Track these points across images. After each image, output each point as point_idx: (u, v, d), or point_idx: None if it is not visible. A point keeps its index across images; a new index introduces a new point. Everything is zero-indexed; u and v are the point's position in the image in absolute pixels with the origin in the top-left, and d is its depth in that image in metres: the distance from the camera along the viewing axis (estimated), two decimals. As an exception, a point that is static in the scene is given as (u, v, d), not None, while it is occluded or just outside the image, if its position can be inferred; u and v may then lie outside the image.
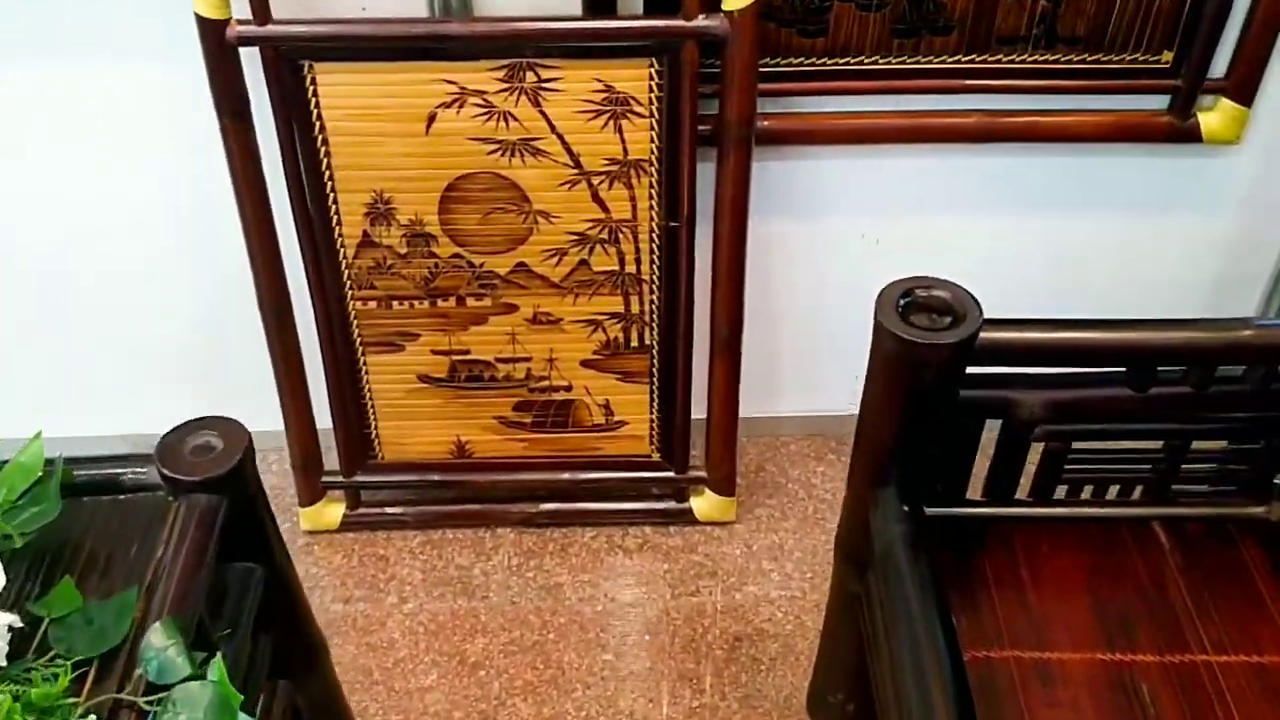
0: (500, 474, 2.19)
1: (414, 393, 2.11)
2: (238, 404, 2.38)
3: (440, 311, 2.01)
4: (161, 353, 2.28)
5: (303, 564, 2.19)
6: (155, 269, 2.14)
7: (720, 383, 2.06)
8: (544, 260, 1.96)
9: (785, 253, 2.15)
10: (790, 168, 2.04)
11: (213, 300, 2.18)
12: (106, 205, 2.04)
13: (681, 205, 1.89)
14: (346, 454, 2.16)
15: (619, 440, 2.17)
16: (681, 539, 2.23)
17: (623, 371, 2.08)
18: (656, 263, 1.96)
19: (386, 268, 1.96)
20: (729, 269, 1.94)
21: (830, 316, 2.25)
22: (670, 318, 2.01)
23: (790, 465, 2.39)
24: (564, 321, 2.02)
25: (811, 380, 2.36)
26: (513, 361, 2.07)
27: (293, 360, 2.05)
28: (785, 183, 2.06)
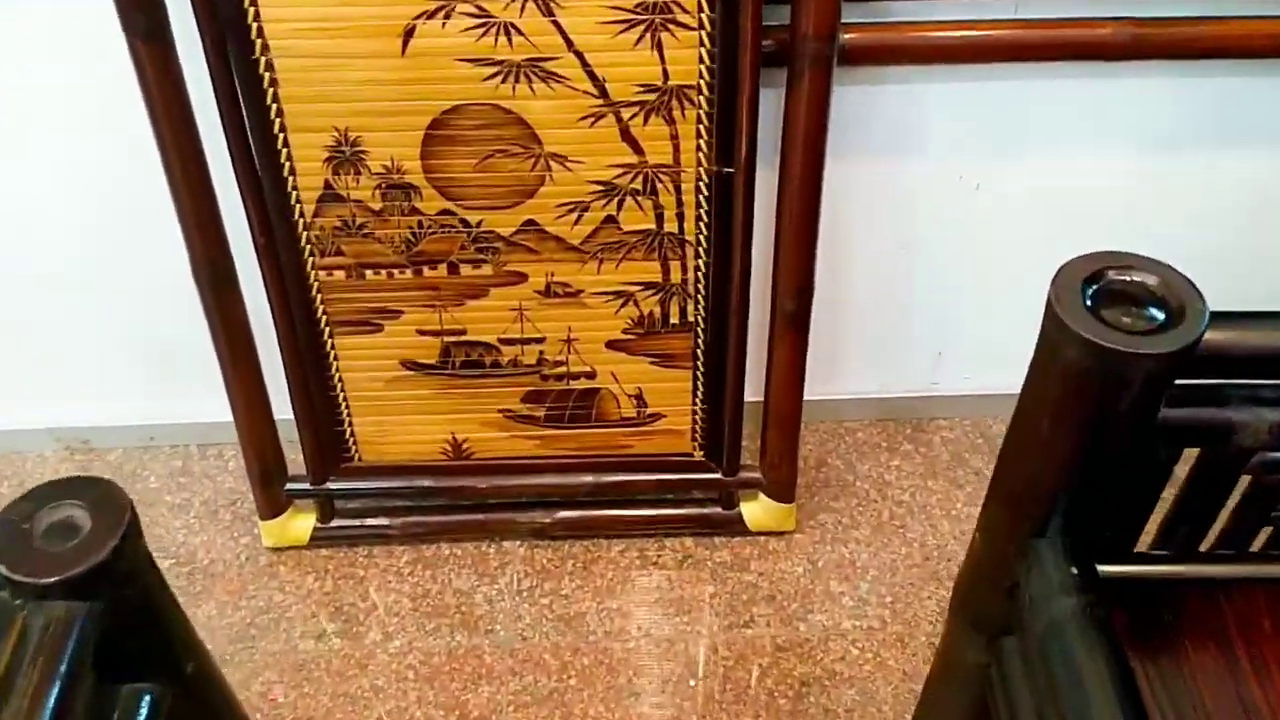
0: (506, 477, 1.78)
1: (397, 382, 1.68)
2: (183, 391, 1.98)
3: (427, 282, 1.57)
4: (90, 333, 1.85)
5: (265, 590, 1.78)
6: (76, 235, 1.71)
7: (782, 367, 1.64)
8: (559, 217, 1.52)
9: (859, 201, 1.71)
10: (872, 95, 1.59)
11: (149, 268, 1.74)
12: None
13: (738, 145, 1.44)
14: (315, 456, 1.74)
15: (654, 437, 1.75)
16: (730, 553, 1.82)
17: (659, 354, 1.66)
18: (704, 219, 1.52)
19: (356, 228, 1.52)
20: (798, 226, 1.50)
21: (912, 279, 1.82)
22: (720, 288, 1.58)
23: (858, 459, 1.97)
24: (585, 294, 1.59)
25: (884, 355, 1.94)
26: (521, 343, 1.64)
27: (240, 346, 1.62)
28: (864, 114, 1.61)
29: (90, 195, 1.67)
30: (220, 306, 1.57)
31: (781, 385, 1.65)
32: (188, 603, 1.74)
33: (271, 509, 1.79)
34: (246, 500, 1.90)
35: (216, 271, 1.54)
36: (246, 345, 1.63)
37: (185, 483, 1.97)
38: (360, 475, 1.78)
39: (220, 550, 1.85)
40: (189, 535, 1.88)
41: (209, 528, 1.89)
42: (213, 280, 1.55)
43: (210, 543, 1.86)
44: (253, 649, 1.70)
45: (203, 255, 1.52)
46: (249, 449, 1.72)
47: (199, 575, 1.81)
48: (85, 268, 1.76)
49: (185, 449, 2.03)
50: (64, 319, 1.83)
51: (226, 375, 1.64)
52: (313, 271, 1.57)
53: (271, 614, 1.75)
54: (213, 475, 1.98)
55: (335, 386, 1.68)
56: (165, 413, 1.98)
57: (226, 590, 1.79)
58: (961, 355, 1.94)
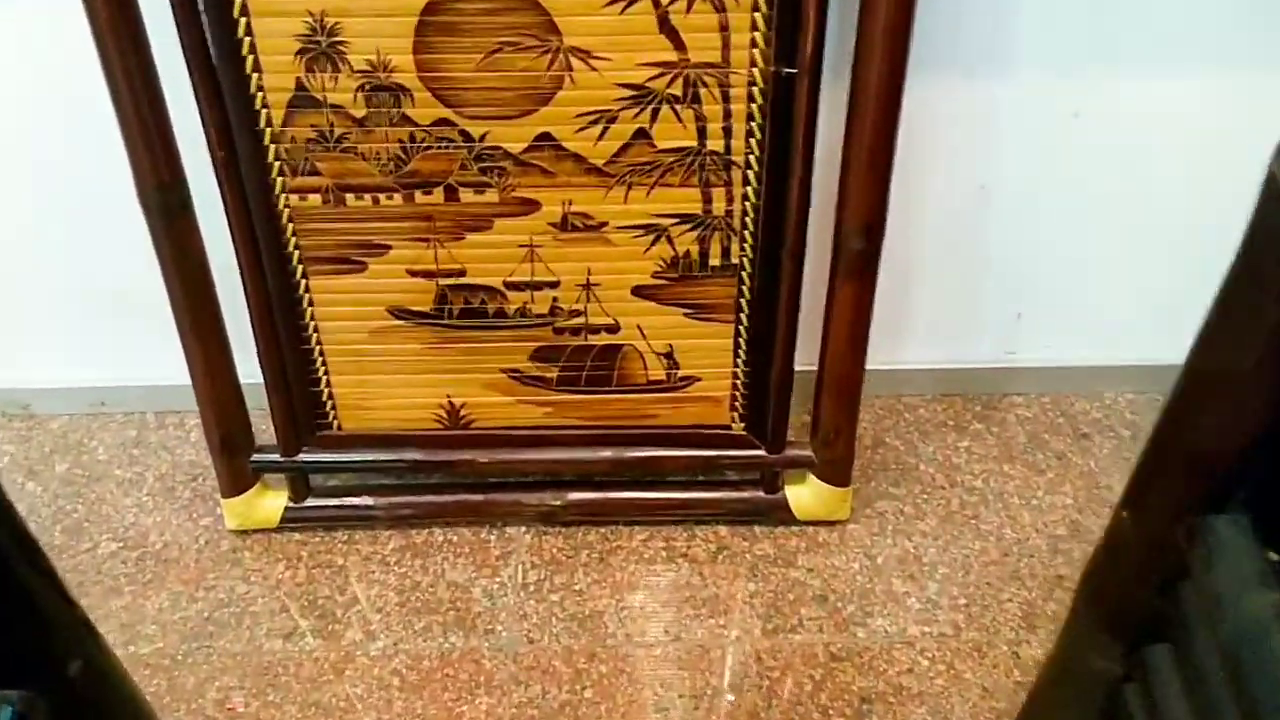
0: (511, 450, 1.51)
1: (383, 333, 1.41)
2: (139, 349, 1.64)
3: (420, 211, 1.31)
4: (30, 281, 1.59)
5: (226, 579, 1.51)
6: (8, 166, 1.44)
7: (844, 321, 1.37)
8: (580, 131, 1.25)
9: (933, 129, 1.44)
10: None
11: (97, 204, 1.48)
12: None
13: (803, 40, 1.18)
14: (286, 423, 1.48)
15: (686, 404, 1.48)
16: (773, 545, 1.54)
17: (696, 304, 1.39)
18: (756, 135, 1.25)
19: (335, 141, 1.26)
20: (873, 145, 1.23)
21: (990, 227, 1.55)
22: (772, 222, 1.31)
23: (920, 438, 1.70)
24: (609, 228, 1.32)
25: (953, 318, 1.67)
26: (530, 288, 1.37)
27: (196, 288, 1.35)
28: (947, 17, 1.34)
29: (21, 119, 1.40)
30: (172, 239, 1.31)
31: (841, 343, 1.38)
32: (135, 593, 1.48)
33: (235, 484, 1.52)
34: (209, 476, 1.64)
35: (167, 196, 1.28)
36: (203, 287, 1.36)
37: (139, 455, 1.70)
38: (339, 446, 1.51)
39: (176, 532, 1.59)
40: (140, 515, 1.61)
41: (164, 506, 1.62)
42: (163, 207, 1.28)
43: (165, 524, 1.60)
44: (210, 649, 1.44)
45: (150, 176, 1.26)
46: (208, 412, 1.45)
47: (150, 561, 1.55)
48: (21, 203, 1.50)
49: (140, 417, 1.76)
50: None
51: (181, 324, 1.38)
52: (282, 196, 1.30)
53: (233, 608, 1.48)
54: (171, 447, 1.72)
55: (310, 338, 1.42)
56: (117, 375, 1.72)
57: (181, 579, 1.52)
58: (1044, 320, 1.66)
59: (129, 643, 1.44)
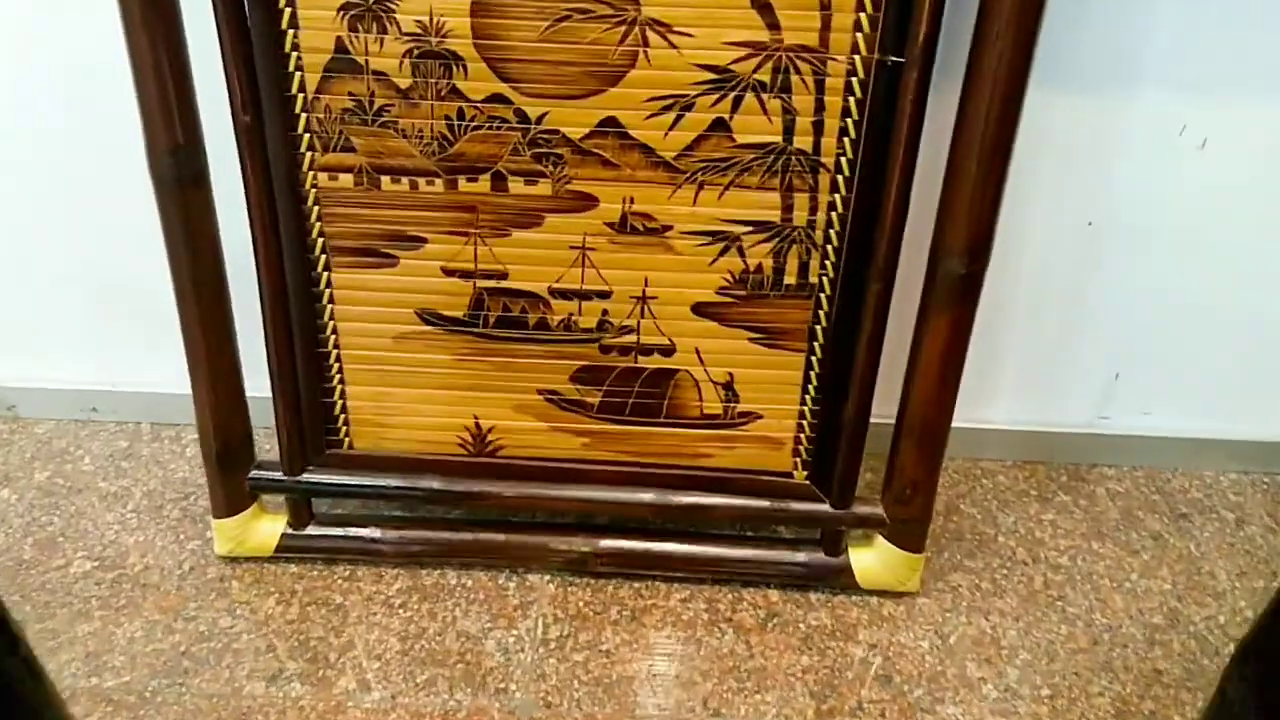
0: (541, 485, 1.33)
1: (409, 340, 1.25)
2: (137, 351, 1.51)
3: (463, 200, 1.15)
4: (21, 273, 1.45)
5: (209, 611, 1.34)
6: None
7: (935, 355, 1.20)
8: (650, 117, 1.10)
9: (1036, 156, 1.29)
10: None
11: (97, 191, 1.34)
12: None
13: (915, 24, 1.03)
14: (292, 436, 1.31)
15: (743, 444, 1.31)
16: (831, 616, 1.36)
17: (764, 327, 1.22)
18: (851, 133, 1.10)
19: (374, 114, 1.11)
20: (988, 153, 1.07)
21: (1091, 274, 1.39)
22: (861, 237, 1.15)
23: (1000, 508, 1.51)
24: (673, 233, 1.17)
25: (1040, 375, 1.51)
26: (579, 297, 1.21)
27: (204, 270, 1.20)
28: (1057, 30, 1.19)
29: (18, 91, 1.27)
30: (183, 216, 1.16)
31: (930, 382, 1.21)
32: (106, 619, 1.31)
33: (229, 503, 1.35)
34: (201, 496, 1.47)
35: (181, 164, 1.13)
36: (213, 274, 1.21)
37: (127, 468, 1.54)
38: (349, 467, 1.34)
39: (159, 555, 1.41)
40: (121, 533, 1.44)
41: (149, 525, 1.45)
42: (174, 177, 1.14)
43: (148, 544, 1.43)
44: (183, 687, 1.26)
45: (164, 138, 1.11)
46: (205, 416, 1.29)
47: (126, 584, 1.37)
48: (12, 184, 1.36)
49: (133, 427, 1.60)
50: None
51: (185, 313, 1.22)
52: (310, 174, 1.15)
53: (214, 642, 1.30)
54: (164, 461, 1.55)
55: (326, 340, 1.26)
56: (113, 378, 1.56)
57: (159, 606, 1.35)
58: (1144, 382, 1.49)
59: (92, 674, 1.26)
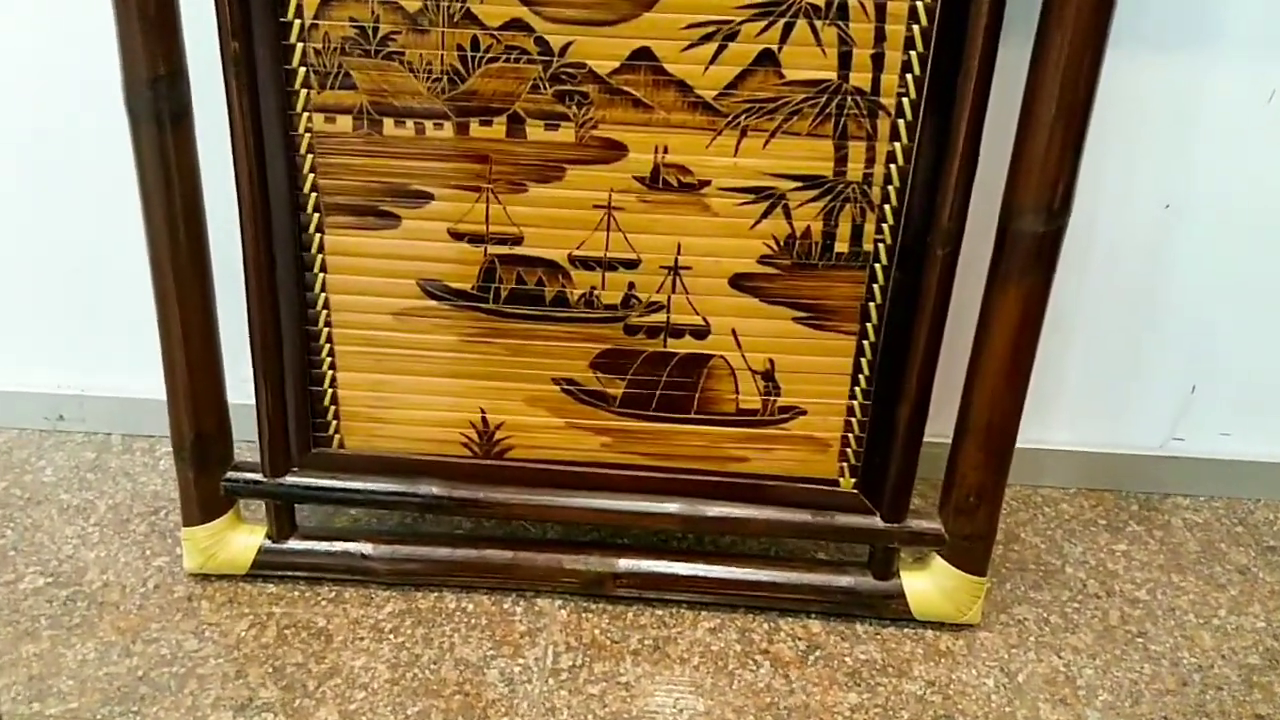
0: (554, 492, 1.18)
1: (409, 317, 1.11)
2: (109, 354, 1.38)
3: (474, 148, 1.03)
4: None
5: (173, 632, 1.18)
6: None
7: (1006, 334, 1.05)
8: (688, 48, 0.98)
9: (1106, 125, 1.16)
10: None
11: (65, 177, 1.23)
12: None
13: (988, -63, 0.91)
14: (274, 432, 1.16)
15: (784, 446, 1.16)
16: (881, 649, 1.19)
17: (810, 304, 1.08)
18: (916, 69, 0.98)
19: (378, 42, 0.99)
20: (1067, 99, 0.94)
21: (1168, 267, 1.26)
22: (926, 194, 1.01)
23: (1066, 537, 1.35)
24: (711, 188, 1.04)
25: (1106, 390, 1.36)
26: (603, 267, 1.08)
27: (185, 225, 1.06)
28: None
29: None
30: (161, 157, 1.03)
31: (999, 367, 1.06)
32: (56, 639, 1.15)
33: (202, 508, 1.20)
34: (173, 511, 1.32)
35: (162, 97, 1.01)
36: (192, 226, 1.07)
37: (93, 480, 1.39)
38: (338, 468, 1.19)
39: (121, 571, 1.25)
40: (81, 547, 1.28)
41: (112, 540, 1.30)
42: (154, 112, 1.01)
43: (109, 560, 1.27)
44: (137, 715, 1.09)
45: (145, 66, 1.00)
46: (177, 398, 1.15)
47: (81, 602, 1.21)
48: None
49: (103, 438, 1.45)
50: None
51: (159, 277, 1.09)
52: (305, 114, 1.03)
53: (177, 667, 1.14)
54: (134, 474, 1.40)
55: (316, 317, 1.12)
56: (83, 382, 1.42)
57: (117, 627, 1.18)
58: (1224, 397, 1.34)
59: (34, 699, 1.10)
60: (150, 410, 1.37)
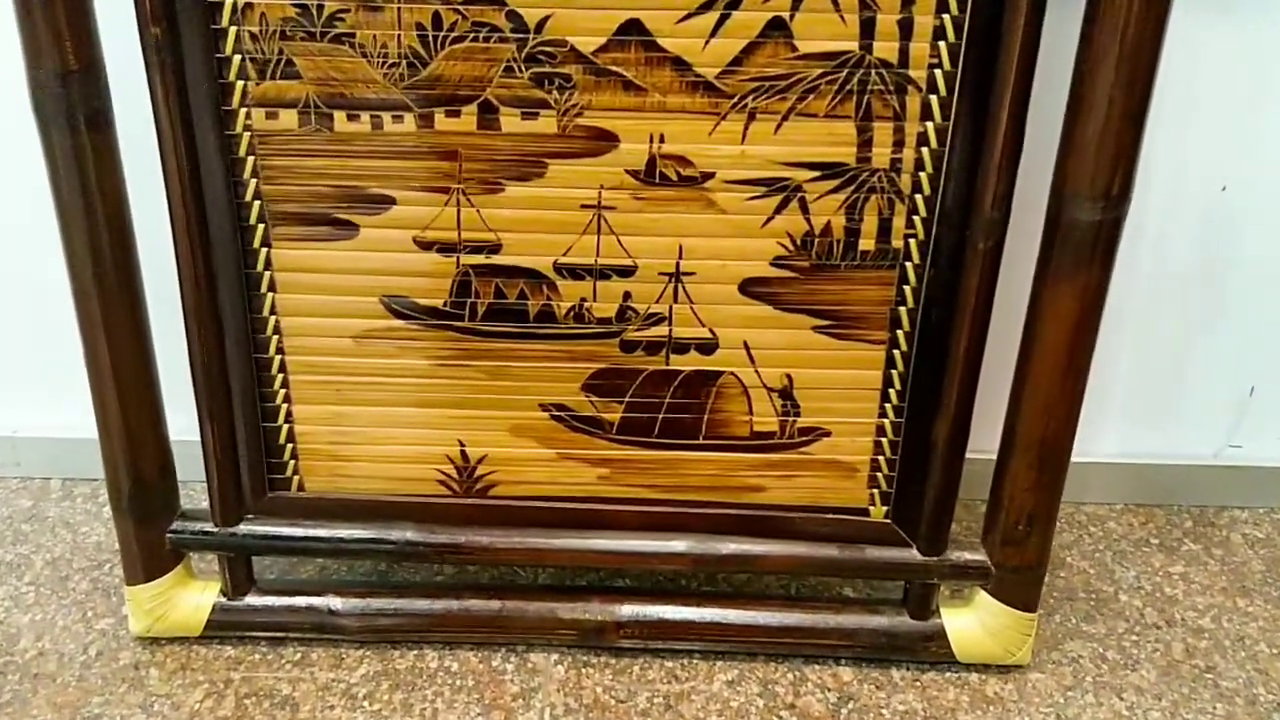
0: (545, 533, 1.04)
1: (372, 339, 0.97)
2: (49, 391, 1.23)
3: (441, 143, 0.89)
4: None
5: (118, 706, 1.04)
6: None
7: (1061, 335, 0.92)
8: (685, 19, 0.84)
9: (1167, 94, 1.03)
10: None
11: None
12: None
13: (1033, -124, 0.78)
14: (225, 477, 1.02)
15: (806, 472, 1.02)
16: (922, 698, 1.05)
17: (833, 310, 0.95)
18: (950, 36, 0.84)
19: (324, 23, 0.85)
20: (1129, 72, 0.81)
21: (1224, 256, 1.13)
22: (964, 182, 0.88)
23: (1116, 560, 1.22)
24: (716, 181, 0.90)
25: (1156, 394, 1.22)
26: (594, 275, 0.94)
27: (110, 243, 0.92)
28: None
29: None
30: (78, 165, 0.89)
31: (1051, 376, 0.93)
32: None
33: (146, 565, 1.06)
34: (119, 565, 1.16)
35: (73, 95, 0.86)
36: (119, 243, 0.93)
37: (29, 532, 1.24)
38: (298, 514, 1.05)
39: (59, 637, 1.11)
40: (13, 610, 1.14)
41: (49, 601, 1.15)
42: (66, 111, 0.87)
43: (45, 623, 1.12)
44: (73, 808, 0.94)
45: (52, 57, 0.85)
46: (112, 445, 1.01)
47: (12, 674, 1.07)
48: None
49: (40, 483, 1.31)
50: None
51: (81, 300, 0.94)
52: (242, 110, 0.89)
53: (118, 748, 0.99)
54: (74, 523, 1.25)
55: (266, 343, 0.98)
56: (13, 420, 1.28)
57: (54, 702, 1.04)
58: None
59: (-45, 792, 0.95)
60: (92, 451, 1.21)
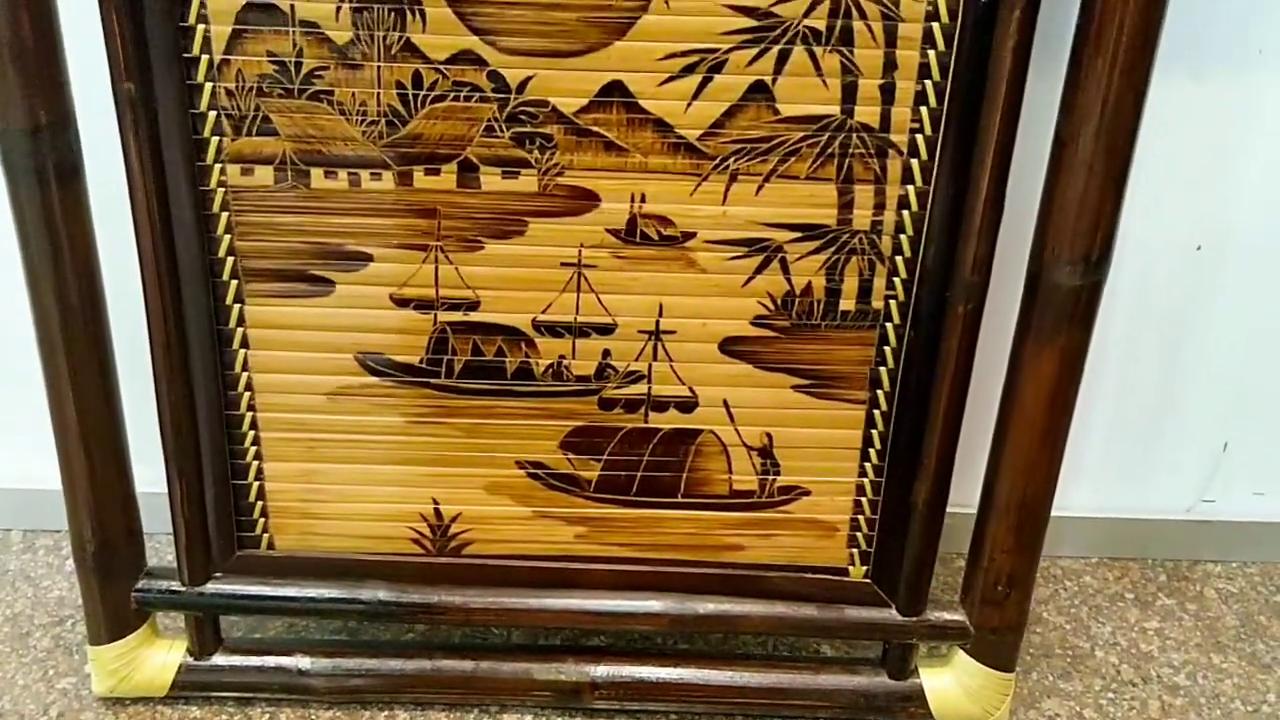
0: (520, 593, 1.03)
1: (346, 397, 0.96)
2: (9, 438, 1.20)
3: (420, 201, 0.88)
4: None
5: (75, 771, 1.00)
6: None
7: (1040, 398, 0.92)
8: (666, 83, 0.84)
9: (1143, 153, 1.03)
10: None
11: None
12: None
13: (1015, -54, 0.78)
14: (193, 534, 1.00)
15: (785, 531, 1.01)
16: (900, 758, 1.04)
17: (813, 370, 0.94)
18: (932, 101, 0.84)
19: (301, 81, 0.84)
20: (1110, 134, 0.82)
21: (1200, 313, 1.14)
22: (944, 244, 0.88)
23: (1092, 615, 1.22)
24: (697, 241, 0.89)
25: (1130, 448, 1.23)
26: (572, 333, 0.93)
27: (79, 298, 0.91)
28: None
29: None
30: (47, 221, 0.87)
31: (1031, 435, 0.93)
32: (-69, 785, 0.97)
33: (111, 625, 1.03)
34: (82, 621, 1.14)
35: (44, 150, 0.85)
36: (88, 298, 0.91)
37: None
38: (268, 573, 1.03)
39: (19, 697, 1.08)
40: (-30, 669, 1.11)
41: (8, 659, 1.12)
42: (37, 167, 0.85)
43: (5, 683, 1.09)
44: None
45: (22, 112, 0.83)
46: (77, 504, 0.98)
47: (-33, 738, 1.03)
48: None
49: (1, 535, 1.28)
50: None
51: (47, 355, 0.92)
52: (217, 166, 0.87)
53: (78, 816, 0.96)
54: (36, 577, 1.22)
55: (237, 400, 0.96)
56: (-24, 472, 1.25)
57: (10, 768, 1.01)
58: (1259, 453, 1.22)
59: None
60: (55, 502, 1.18)
